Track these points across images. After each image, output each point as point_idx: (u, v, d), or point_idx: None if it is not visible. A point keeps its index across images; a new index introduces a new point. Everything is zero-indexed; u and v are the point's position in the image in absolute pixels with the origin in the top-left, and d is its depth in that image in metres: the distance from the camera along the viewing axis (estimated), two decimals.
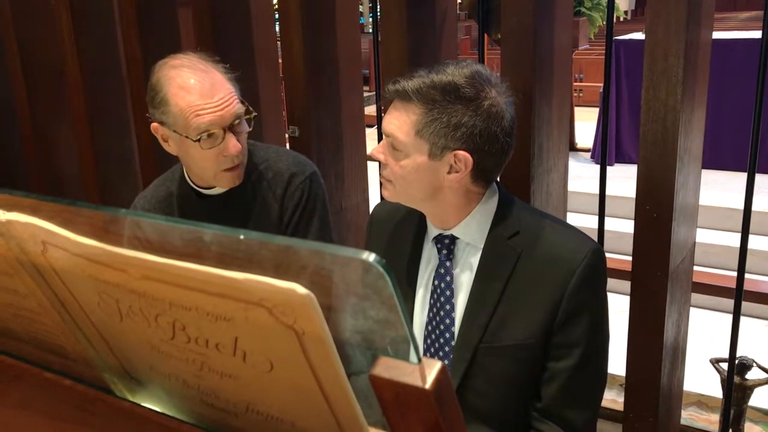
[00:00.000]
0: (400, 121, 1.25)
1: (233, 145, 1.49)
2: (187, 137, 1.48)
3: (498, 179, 1.40)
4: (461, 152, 1.23)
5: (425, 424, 0.53)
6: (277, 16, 2.64)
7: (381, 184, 1.37)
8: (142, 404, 0.72)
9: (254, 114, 1.54)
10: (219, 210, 1.63)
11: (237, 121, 1.50)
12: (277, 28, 2.58)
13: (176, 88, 1.47)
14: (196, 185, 1.64)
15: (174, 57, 1.53)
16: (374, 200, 1.43)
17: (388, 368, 0.52)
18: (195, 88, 1.46)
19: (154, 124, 1.54)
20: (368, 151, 1.72)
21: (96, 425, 0.72)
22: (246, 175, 1.63)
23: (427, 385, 0.50)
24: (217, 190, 1.62)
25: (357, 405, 0.57)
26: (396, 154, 1.27)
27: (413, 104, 1.24)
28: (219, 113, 1.47)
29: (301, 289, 0.50)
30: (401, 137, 1.25)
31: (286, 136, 2.43)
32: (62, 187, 2.96)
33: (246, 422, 0.65)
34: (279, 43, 2.44)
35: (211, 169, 1.54)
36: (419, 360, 0.51)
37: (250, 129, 1.54)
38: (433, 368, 0.51)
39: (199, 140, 1.47)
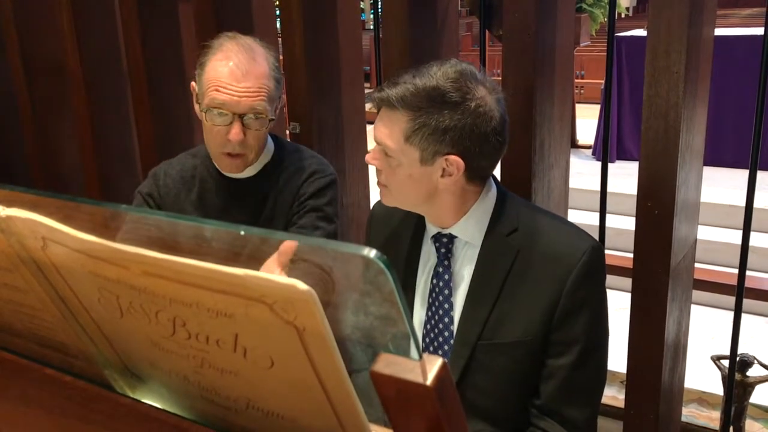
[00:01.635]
0: (388, 129, 1.25)
1: (235, 132, 1.51)
2: (198, 104, 1.53)
3: (497, 177, 1.40)
4: (452, 156, 1.23)
5: (426, 421, 0.53)
6: (278, 12, 2.64)
7: (379, 189, 1.36)
8: (143, 400, 0.72)
9: (270, 119, 1.55)
10: (238, 194, 1.66)
11: (251, 115, 1.51)
12: (278, 25, 2.58)
13: (216, 58, 1.51)
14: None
15: (242, 36, 1.56)
16: (375, 197, 1.43)
17: (389, 364, 0.52)
18: (229, 67, 1.49)
19: (192, 83, 1.59)
20: (369, 147, 1.73)
21: (97, 421, 0.72)
22: (273, 168, 1.67)
23: (428, 382, 0.50)
24: (240, 174, 1.65)
25: (358, 402, 0.57)
26: (389, 161, 1.27)
27: (399, 112, 1.23)
28: (236, 98, 1.49)
29: (301, 285, 0.49)
30: (391, 145, 1.25)
31: (287, 132, 2.43)
32: (63, 182, 2.96)
33: (247, 419, 0.65)
34: (280, 39, 2.44)
35: (214, 146, 1.57)
36: (420, 356, 0.51)
37: (259, 130, 1.55)
38: (434, 364, 0.51)
39: (206, 111, 1.51)
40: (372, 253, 0.47)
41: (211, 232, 0.55)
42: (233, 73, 1.49)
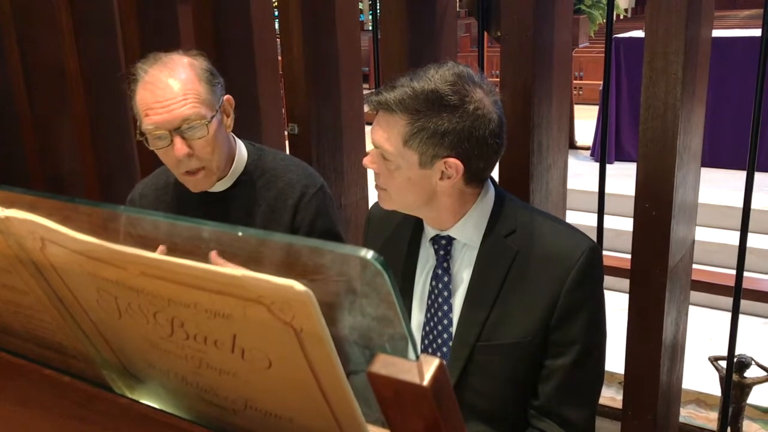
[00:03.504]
0: (387, 133, 1.24)
1: (177, 149, 1.45)
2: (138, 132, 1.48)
3: (495, 178, 1.40)
4: (451, 159, 1.22)
5: (424, 421, 0.53)
6: (276, 13, 2.64)
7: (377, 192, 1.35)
8: (141, 401, 0.72)
9: (206, 121, 1.46)
10: (217, 207, 1.62)
11: (186, 126, 1.44)
12: (277, 26, 2.58)
13: (141, 82, 1.46)
14: None
15: (163, 54, 1.51)
16: (373, 197, 1.43)
17: (386, 365, 0.52)
18: (151, 86, 1.44)
19: None
20: (367, 148, 1.73)
21: (95, 422, 0.72)
22: (250, 178, 1.62)
23: (425, 382, 0.50)
24: (216, 187, 1.60)
25: (355, 402, 0.57)
26: (387, 164, 1.26)
27: (397, 115, 1.22)
28: (164, 115, 1.43)
29: (299, 286, 0.50)
30: (390, 149, 1.24)
31: (286, 133, 2.43)
32: (62, 183, 2.97)
33: (245, 419, 0.65)
34: (279, 40, 2.44)
35: (172, 169, 1.52)
36: (417, 357, 0.51)
37: (204, 137, 1.47)
38: (431, 365, 0.51)
39: (144, 138, 1.46)
40: (369, 254, 0.48)
41: (209, 234, 0.55)
42: (154, 92, 1.43)
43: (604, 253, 1.54)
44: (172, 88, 1.44)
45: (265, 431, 0.65)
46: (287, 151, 2.34)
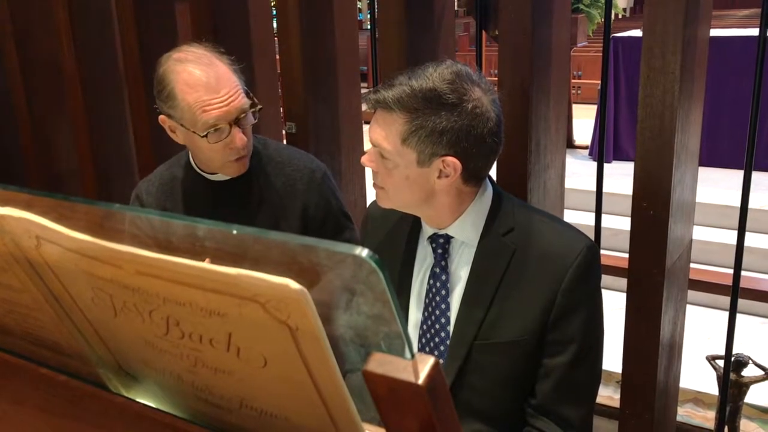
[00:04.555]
0: (385, 131, 1.24)
1: (239, 138, 1.51)
2: (194, 132, 1.50)
3: (494, 177, 1.40)
4: (449, 158, 1.22)
5: (418, 420, 0.53)
6: (275, 12, 2.64)
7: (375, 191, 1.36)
8: (137, 400, 0.72)
9: (260, 107, 1.55)
10: (226, 196, 1.65)
11: (242, 115, 1.51)
12: (275, 25, 2.58)
13: (182, 83, 1.48)
14: (202, 170, 1.66)
15: (179, 50, 1.54)
16: (371, 196, 1.43)
17: (381, 364, 0.52)
18: (201, 84, 1.47)
19: (161, 117, 1.55)
20: (365, 147, 1.74)
21: (90, 421, 0.72)
22: (258, 165, 1.65)
23: (420, 381, 0.50)
24: (223, 176, 1.64)
25: (351, 401, 0.57)
26: (385, 163, 1.27)
27: (395, 114, 1.22)
28: (225, 108, 1.48)
29: (294, 284, 0.50)
30: (388, 147, 1.24)
31: (284, 132, 2.43)
32: (60, 181, 2.96)
33: (240, 418, 0.65)
34: (277, 39, 2.44)
35: (219, 160, 1.56)
36: (412, 356, 0.51)
37: (255, 121, 1.56)
38: (426, 364, 0.51)
39: (206, 135, 1.49)
40: (364, 252, 0.48)
41: (204, 232, 0.55)
42: (209, 87, 1.47)
43: (602, 252, 1.54)
44: (223, 82, 1.49)
45: (260, 430, 0.65)
46: None
